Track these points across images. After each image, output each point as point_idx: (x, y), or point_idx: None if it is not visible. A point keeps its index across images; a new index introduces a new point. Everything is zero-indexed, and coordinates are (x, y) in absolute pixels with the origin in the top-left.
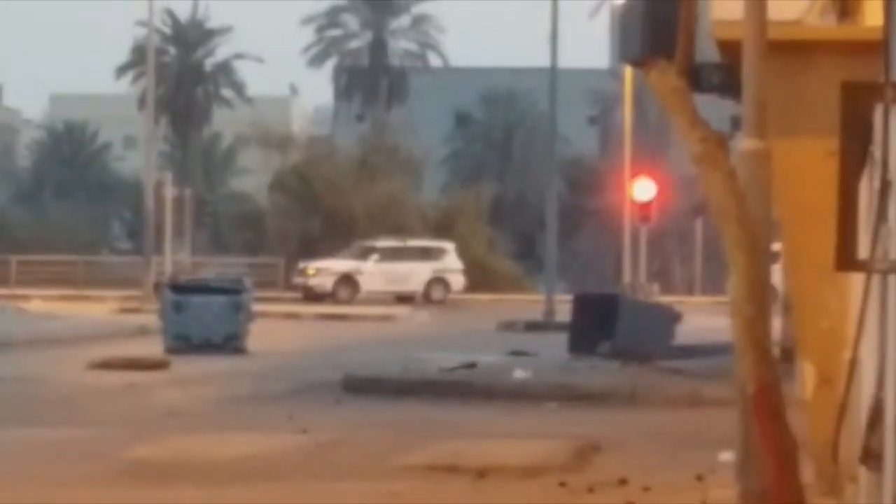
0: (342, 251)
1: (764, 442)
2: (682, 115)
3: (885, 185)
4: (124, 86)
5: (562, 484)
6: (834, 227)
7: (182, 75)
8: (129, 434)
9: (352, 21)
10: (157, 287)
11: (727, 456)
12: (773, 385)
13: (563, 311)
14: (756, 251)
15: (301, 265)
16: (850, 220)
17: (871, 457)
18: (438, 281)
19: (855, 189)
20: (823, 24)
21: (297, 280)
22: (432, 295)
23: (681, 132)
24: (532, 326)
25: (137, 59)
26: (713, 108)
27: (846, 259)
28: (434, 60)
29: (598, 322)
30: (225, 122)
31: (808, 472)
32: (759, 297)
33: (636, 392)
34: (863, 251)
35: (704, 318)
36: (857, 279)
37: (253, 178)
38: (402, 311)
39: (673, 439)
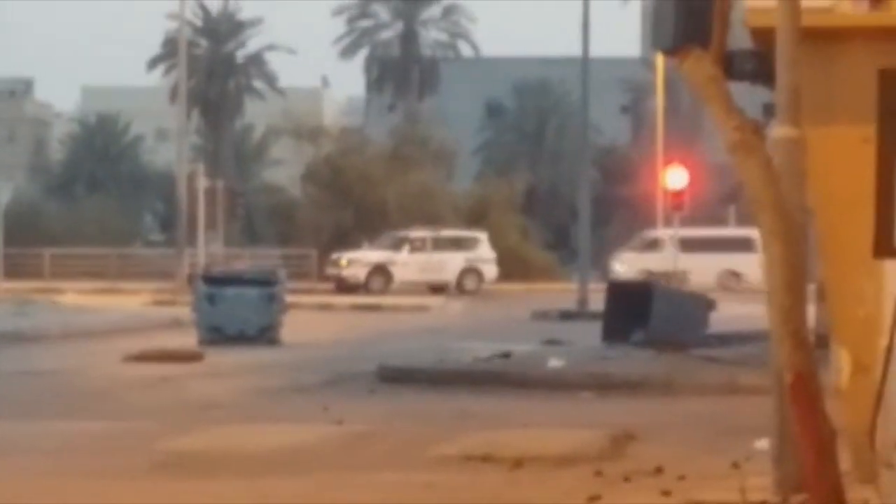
0: (375, 242)
1: (801, 430)
2: (718, 103)
3: None
4: (156, 78)
5: (597, 473)
6: (870, 214)
7: (213, 67)
8: (165, 426)
9: (382, 12)
10: (191, 279)
11: (763, 443)
12: (809, 373)
13: (597, 299)
14: (792, 239)
15: (334, 256)
16: (888, 208)
17: None
18: (471, 271)
19: (893, 175)
20: (856, 11)
21: (330, 271)
22: (465, 285)
23: (716, 120)
24: (566, 315)
25: (169, 51)
26: (745, 95)
27: (884, 246)
28: (465, 50)
29: (632, 311)
30: (257, 114)
31: (844, 460)
32: (795, 285)
33: (671, 380)
34: None
35: (738, 306)
36: (893, 266)
37: (285, 170)
38: (435, 301)
39: (708, 427)
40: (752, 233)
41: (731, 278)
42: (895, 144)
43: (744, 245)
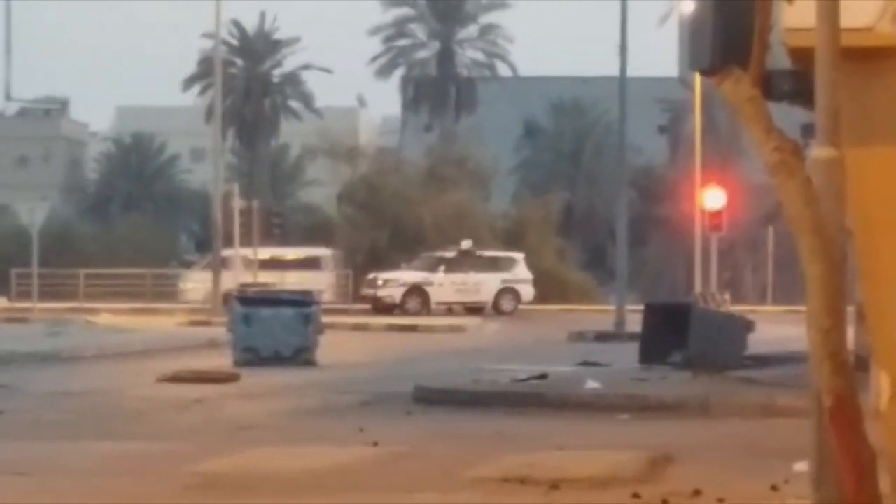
0: (411, 262)
1: (841, 452)
2: (757, 123)
3: None
4: (191, 98)
5: (635, 495)
6: None
7: (249, 87)
8: (200, 448)
9: (419, 31)
10: (226, 299)
11: (802, 466)
12: (849, 396)
13: (634, 321)
14: (832, 261)
15: (370, 276)
16: None
17: None
18: (508, 291)
19: None
20: None
21: (366, 291)
22: (502, 306)
23: (755, 141)
24: (603, 337)
25: (204, 70)
26: (784, 115)
27: None
28: (502, 70)
29: (670, 332)
30: (293, 134)
31: (884, 483)
32: (835, 307)
33: (709, 402)
34: None
35: (777, 328)
36: None
37: (321, 190)
38: (471, 321)
39: (747, 450)
40: (321, 252)
41: None
42: None
43: (312, 264)
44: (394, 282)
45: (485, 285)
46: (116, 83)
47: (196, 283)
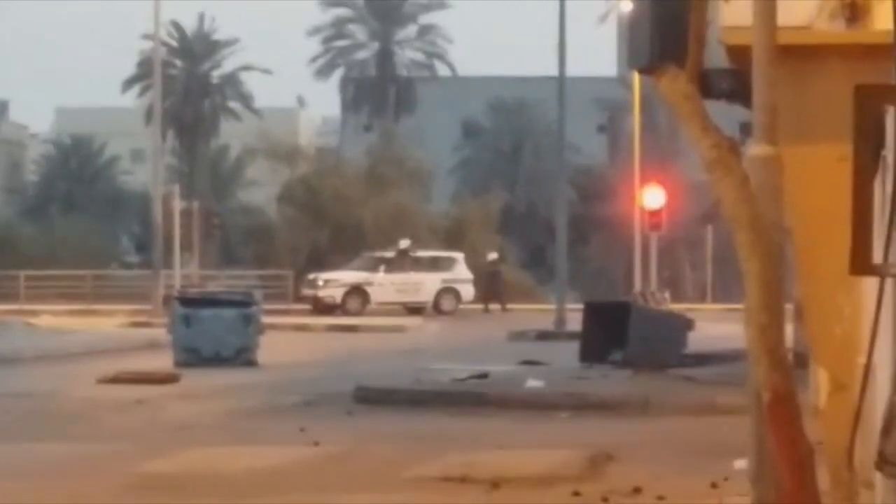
0: (351, 262)
1: (779, 449)
2: (694, 121)
3: None
4: (131, 99)
5: (575, 493)
6: (847, 232)
7: (189, 88)
8: (140, 448)
9: (359, 32)
10: (167, 301)
11: (741, 463)
12: (788, 392)
13: (575, 319)
14: (770, 257)
15: (310, 276)
16: (865, 225)
17: (887, 463)
18: (449, 291)
19: (869, 193)
20: (832, 29)
21: (307, 292)
22: (443, 305)
23: (692, 139)
24: (543, 336)
25: (144, 72)
26: (722, 114)
27: (860, 264)
28: (442, 70)
29: (610, 330)
30: (232, 135)
31: (823, 479)
32: (773, 304)
33: (649, 400)
34: (877, 256)
35: (716, 326)
36: (870, 284)
37: (261, 191)
38: (412, 321)
39: (686, 447)
40: None
41: None
42: (871, 162)
43: None
44: (334, 282)
45: (425, 285)
46: (56, 85)
47: None
